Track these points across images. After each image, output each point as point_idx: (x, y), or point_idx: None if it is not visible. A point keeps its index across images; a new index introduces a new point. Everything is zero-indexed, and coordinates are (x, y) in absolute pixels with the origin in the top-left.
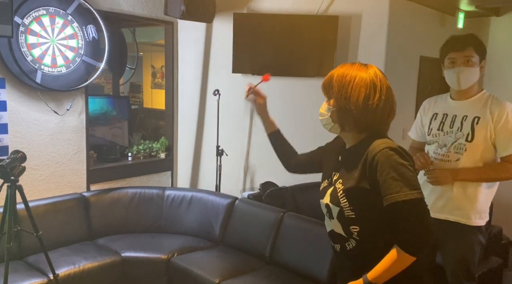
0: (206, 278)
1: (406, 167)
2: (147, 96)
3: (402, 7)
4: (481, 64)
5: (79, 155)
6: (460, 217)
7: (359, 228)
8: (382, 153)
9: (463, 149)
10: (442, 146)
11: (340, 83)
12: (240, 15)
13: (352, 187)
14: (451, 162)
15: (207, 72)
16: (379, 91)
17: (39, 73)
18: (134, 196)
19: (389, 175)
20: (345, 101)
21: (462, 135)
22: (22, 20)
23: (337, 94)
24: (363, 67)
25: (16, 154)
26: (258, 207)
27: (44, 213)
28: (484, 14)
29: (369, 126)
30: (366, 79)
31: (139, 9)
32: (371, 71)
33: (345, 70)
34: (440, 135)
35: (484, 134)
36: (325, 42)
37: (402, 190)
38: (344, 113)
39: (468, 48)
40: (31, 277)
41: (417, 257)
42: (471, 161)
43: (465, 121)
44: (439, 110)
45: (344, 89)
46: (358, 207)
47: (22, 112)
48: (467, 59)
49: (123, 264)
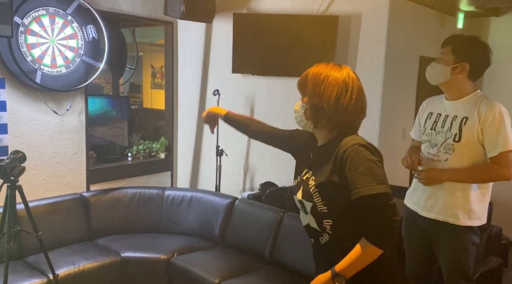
0: (206, 278)
1: (374, 163)
2: (147, 96)
3: (402, 7)
4: (457, 65)
5: (79, 155)
6: (449, 217)
7: (331, 222)
8: (352, 149)
9: (451, 149)
10: (434, 145)
11: (314, 81)
12: (240, 15)
13: (323, 182)
14: (440, 161)
15: (207, 72)
16: (351, 91)
17: (39, 73)
18: (134, 196)
19: (357, 169)
20: (318, 99)
21: (451, 135)
22: (21, 20)
23: (311, 92)
24: (337, 67)
25: (16, 154)
26: (258, 207)
27: (44, 213)
28: (484, 14)
29: (340, 124)
30: (339, 79)
31: (139, 9)
32: (344, 71)
33: (320, 69)
34: (432, 134)
35: (471, 134)
36: (324, 42)
37: (370, 184)
38: (317, 110)
39: (446, 46)
40: (31, 277)
41: (383, 250)
42: (459, 162)
43: (454, 121)
44: (434, 109)
45: (318, 87)
46: (330, 201)
47: (21, 112)
48: (441, 57)
49: (123, 264)
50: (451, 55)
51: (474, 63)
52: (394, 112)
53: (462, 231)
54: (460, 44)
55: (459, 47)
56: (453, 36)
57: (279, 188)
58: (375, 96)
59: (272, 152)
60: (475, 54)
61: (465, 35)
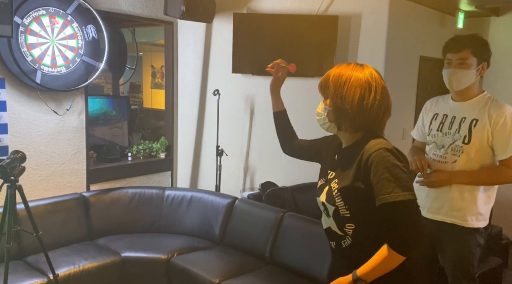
0: (206, 278)
1: (400, 169)
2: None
3: (402, 7)
4: (480, 66)
5: (79, 155)
6: (456, 219)
7: (354, 227)
8: (377, 153)
9: (460, 151)
10: (440, 147)
11: (336, 83)
12: (240, 15)
13: (346, 186)
14: (448, 163)
15: (207, 72)
16: (374, 91)
17: (39, 73)
18: (134, 196)
19: (382, 175)
20: (340, 101)
21: (460, 137)
22: (21, 20)
23: (333, 94)
24: (359, 67)
25: (16, 154)
26: (258, 207)
27: (44, 213)
28: (484, 14)
29: (365, 125)
30: (362, 79)
31: (139, 9)
32: (367, 71)
33: (341, 70)
34: (439, 135)
35: (481, 137)
36: (324, 42)
37: (395, 191)
38: (340, 112)
39: (464, 50)
40: (31, 277)
41: (407, 257)
42: (467, 164)
43: (463, 123)
44: (440, 110)
45: (340, 89)
46: (353, 206)
47: (22, 112)
48: (461, 61)
49: (123, 264)
50: (473, 58)
51: (488, 61)
52: (394, 112)
53: (469, 233)
54: (480, 45)
55: (478, 48)
56: (466, 38)
57: (279, 188)
58: None
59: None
60: (489, 52)
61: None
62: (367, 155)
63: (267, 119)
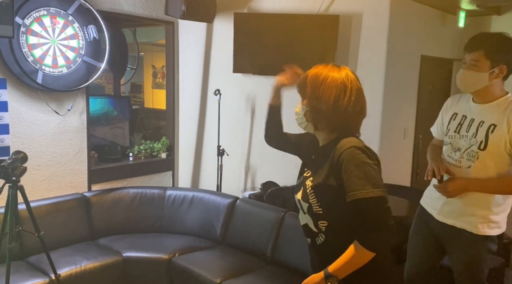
0: (207, 278)
1: (370, 166)
2: (148, 96)
3: (403, 6)
4: (495, 69)
5: (80, 155)
6: (467, 225)
7: (327, 224)
8: (348, 151)
9: (475, 156)
10: (456, 149)
11: (313, 83)
12: (241, 15)
13: (319, 184)
14: (462, 168)
15: (208, 72)
16: (349, 92)
17: (40, 74)
18: (135, 196)
19: (353, 173)
20: (317, 101)
21: (476, 142)
22: (23, 20)
23: (310, 94)
24: (336, 69)
25: (17, 155)
26: (259, 207)
27: (46, 214)
28: (485, 13)
29: (340, 125)
30: (338, 80)
31: (140, 9)
32: (343, 72)
33: (319, 71)
34: (456, 137)
35: (498, 143)
36: (325, 41)
37: (364, 187)
38: (316, 112)
39: (477, 51)
40: (33, 277)
41: (376, 253)
42: (482, 170)
43: (481, 127)
44: (459, 110)
45: (317, 89)
46: (325, 203)
47: (23, 112)
48: (474, 63)
49: (124, 264)
50: (486, 60)
51: (510, 62)
52: (395, 111)
53: (479, 240)
54: (494, 47)
55: (493, 50)
56: (479, 38)
57: (280, 187)
58: (376, 95)
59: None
60: (510, 53)
61: (491, 33)
62: (338, 153)
63: None
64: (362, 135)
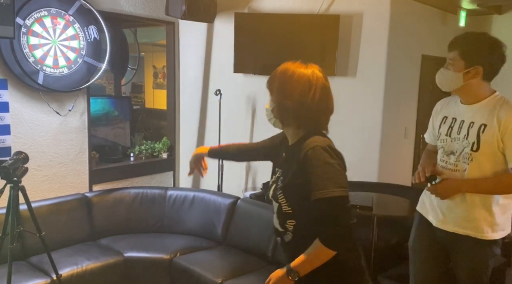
0: (208, 278)
1: (333, 166)
2: (149, 97)
3: (404, 6)
4: (470, 70)
5: (81, 155)
6: (471, 230)
7: (295, 223)
8: (312, 151)
9: (468, 158)
10: (449, 153)
11: (280, 79)
12: (241, 15)
13: (288, 183)
14: (459, 172)
15: (209, 72)
16: (314, 89)
17: (41, 74)
18: (136, 196)
19: (315, 172)
20: (283, 96)
21: (468, 144)
22: (23, 21)
23: (277, 90)
24: (303, 66)
25: (18, 155)
26: (260, 207)
27: (47, 214)
28: (486, 12)
29: (306, 122)
30: (303, 77)
31: (140, 9)
32: (310, 69)
33: (286, 67)
34: (447, 141)
35: (490, 143)
36: (326, 41)
37: (326, 187)
38: (282, 108)
39: (454, 50)
40: (34, 277)
41: (337, 251)
42: (478, 172)
43: (471, 128)
44: (449, 113)
45: (283, 84)
46: (294, 202)
47: (24, 113)
48: (450, 62)
49: (126, 264)
50: (460, 61)
51: (487, 63)
52: (396, 111)
53: (485, 245)
54: (468, 47)
55: (467, 50)
56: (459, 38)
57: None
58: (377, 95)
59: None
60: (487, 54)
61: (471, 33)
62: (303, 152)
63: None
64: (363, 135)
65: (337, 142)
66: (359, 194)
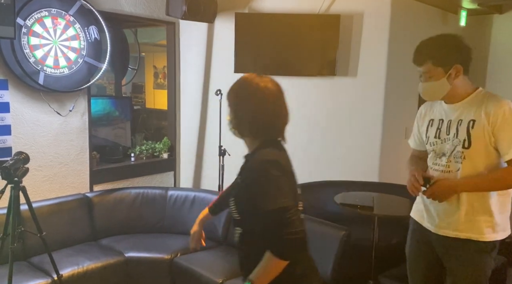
0: (209, 278)
1: (275, 179)
2: (150, 97)
3: (404, 6)
4: (451, 72)
5: (82, 155)
6: (472, 233)
7: (241, 231)
8: (257, 164)
9: (461, 157)
10: (441, 155)
11: (236, 91)
12: (242, 15)
13: (238, 192)
14: (452, 173)
15: (209, 72)
16: (266, 102)
17: (42, 74)
18: (137, 197)
19: (258, 185)
20: (238, 107)
21: (459, 142)
22: (24, 21)
23: (233, 102)
24: (258, 77)
25: (19, 155)
26: None
27: (48, 214)
28: (487, 11)
29: (261, 132)
30: (257, 90)
31: (141, 9)
32: (263, 81)
33: (242, 78)
34: (438, 143)
35: (481, 138)
36: (327, 41)
37: (270, 199)
38: (238, 119)
39: (425, 63)
40: (35, 277)
41: (288, 261)
42: (472, 170)
43: (460, 126)
44: (435, 116)
45: (238, 96)
46: (241, 211)
47: (25, 113)
48: (427, 75)
49: (127, 264)
50: (437, 69)
51: (461, 58)
52: (397, 111)
53: (486, 248)
54: (438, 54)
55: (438, 56)
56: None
57: None
58: (378, 95)
59: None
60: (456, 51)
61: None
62: (250, 164)
63: None
64: (364, 134)
65: (337, 142)
66: (359, 194)
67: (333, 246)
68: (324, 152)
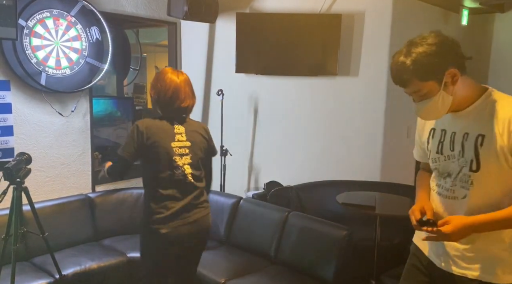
0: (211, 278)
1: (129, 136)
2: None
3: (405, 5)
4: (445, 79)
5: (84, 156)
6: (484, 274)
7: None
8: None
9: (468, 182)
10: (445, 175)
11: (154, 78)
12: (243, 15)
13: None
14: (457, 199)
15: (211, 72)
16: (157, 88)
17: (44, 75)
18: (139, 197)
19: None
20: (151, 90)
21: (465, 162)
22: (26, 22)
23: (151, 84)
24: (170, 71)
25: (21, 156)
26: (263, 207)
27: (50, 215)
28: (488, 10)
29: (163, 109)
30: (163, 79)
31: (142, 10)
32: (174, 73)
33: (160, 71)
34: (441, 160)
35: (494, 158)
36: (328, 41)
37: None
38: (151, 98)
39: (411, 84)
40: (38, 278)
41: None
42: (482, 197)
43: (466, 141)
44: (436, 124)
45: (152, 82)
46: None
47: (27, 114)
48: (419, 94)
49: (129, 265)
50: (427, 83)
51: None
52: (399, 110)
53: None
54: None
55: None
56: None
57: (283, 187)
58: (380, 94)
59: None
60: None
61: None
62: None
63: (271, 118)
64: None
65: (339, 141)
66: (361, 194)
67: (335, 246)
68: (326, 152)
